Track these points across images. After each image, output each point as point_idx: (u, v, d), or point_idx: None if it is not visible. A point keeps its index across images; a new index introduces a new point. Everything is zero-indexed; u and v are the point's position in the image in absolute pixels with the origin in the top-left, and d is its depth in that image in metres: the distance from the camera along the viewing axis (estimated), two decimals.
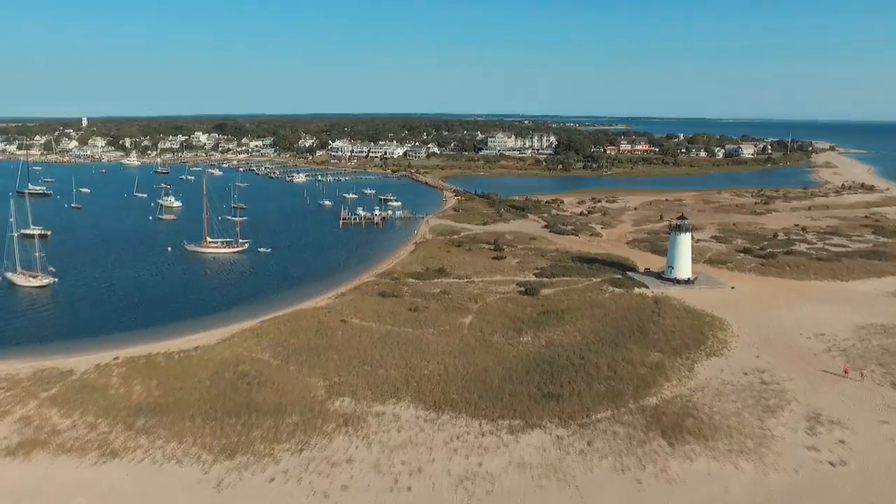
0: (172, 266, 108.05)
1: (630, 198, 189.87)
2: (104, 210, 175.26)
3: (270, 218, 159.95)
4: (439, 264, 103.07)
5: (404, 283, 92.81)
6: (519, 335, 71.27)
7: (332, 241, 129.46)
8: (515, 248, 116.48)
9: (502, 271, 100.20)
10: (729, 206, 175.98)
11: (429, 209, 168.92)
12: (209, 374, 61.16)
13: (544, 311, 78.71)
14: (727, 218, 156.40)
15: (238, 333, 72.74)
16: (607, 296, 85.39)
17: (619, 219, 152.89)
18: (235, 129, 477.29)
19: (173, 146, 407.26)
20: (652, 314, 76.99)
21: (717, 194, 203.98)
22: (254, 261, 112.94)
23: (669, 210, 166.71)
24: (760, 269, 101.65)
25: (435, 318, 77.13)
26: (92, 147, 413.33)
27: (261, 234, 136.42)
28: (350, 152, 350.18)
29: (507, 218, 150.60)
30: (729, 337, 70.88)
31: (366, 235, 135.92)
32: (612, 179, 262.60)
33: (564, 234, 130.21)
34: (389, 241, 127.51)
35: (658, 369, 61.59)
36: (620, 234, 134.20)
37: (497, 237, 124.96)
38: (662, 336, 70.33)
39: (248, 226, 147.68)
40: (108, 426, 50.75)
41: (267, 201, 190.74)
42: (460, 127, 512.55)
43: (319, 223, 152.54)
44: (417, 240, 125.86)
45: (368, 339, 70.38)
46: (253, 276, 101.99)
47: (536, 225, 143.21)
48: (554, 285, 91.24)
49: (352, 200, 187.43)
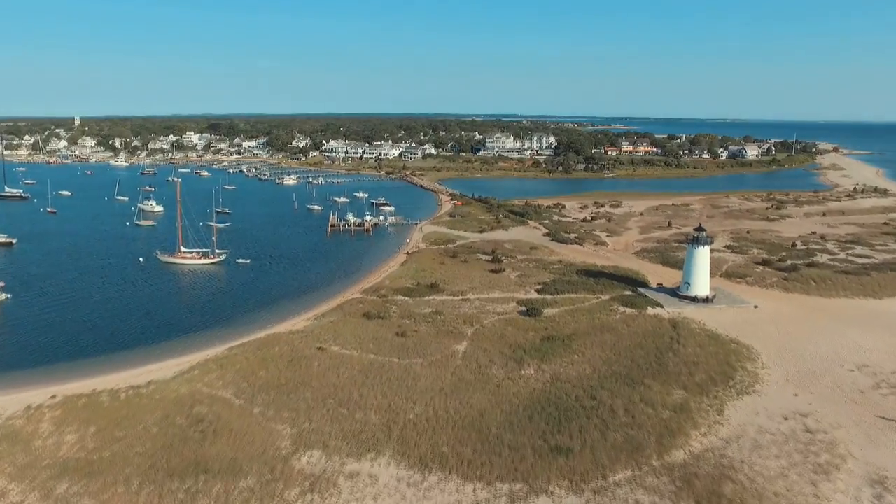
0: (141, 280, 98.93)
1: (635, 202, 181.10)
2: (81, 215, 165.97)
3: (255, 224, 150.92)
4: (432, 278, 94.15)
5: (392, 302, 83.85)
6: (520, 367, 62.36)
7: (317, 251, 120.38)
8: (515, 260, 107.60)
9: (501, 287, 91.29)
10: (739, 212, 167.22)
11: (423, 214, 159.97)
12: (158, 417, 52.19)
13: (548, 336, 69.80)
14: (739, 224, 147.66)
15: (200, 364, 63.79)
16: (618, 318, 76.47)
17: (625, 225, 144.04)
18: (229, 129, 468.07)
19: (164, 146, 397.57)
20: (671, 341, 68.11)
21: (724, 198, 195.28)
22: (231, 274, 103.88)
23: (677, 216, 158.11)
24: (783, 284, 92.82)
25: (425, 344, 68.23)
26: (81, 147, 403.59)
27: (242, 242, 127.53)
28: (344, 153, 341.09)
29: (505, 224, 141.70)
30: (759, 369, 62.06)
31: (354, 244, 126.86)
32: (614, 182, 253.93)
33: (567, 244, 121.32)
34: (379, 251, 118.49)
35: (683, 412, 52.73)
36: (627, 242, 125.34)
37: (495, 247, 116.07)
38: (684, 369, 61.46)
39: (230, 233, 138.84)
40: (20, 494, 41.74)
41: (253, 205, 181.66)
42: (458, 127, 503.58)
43: (306, 230, 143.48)
44: (409, 249, 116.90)
45: (348, 371, 61.45)
46: (227, 292, 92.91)
47: (537, 232, 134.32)
48: (558, 304, 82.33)
49: (342, 205, 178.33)
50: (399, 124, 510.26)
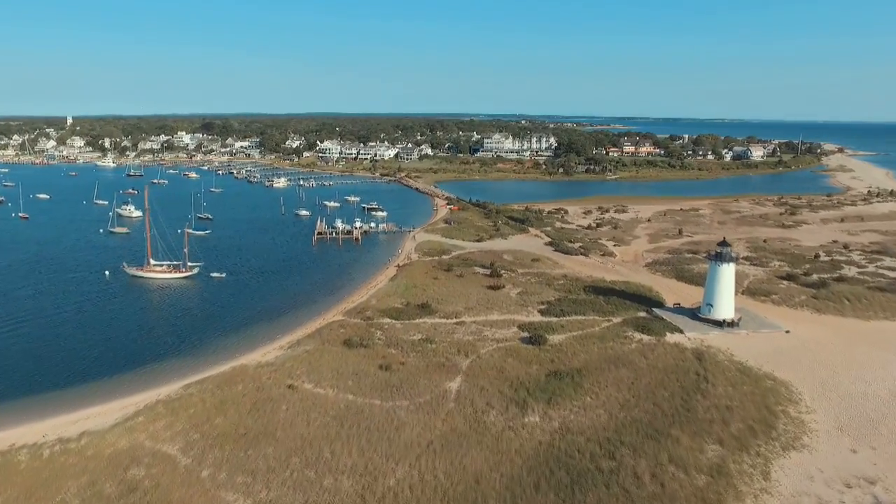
0: (103, 298, 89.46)
1: (641, 207, 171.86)
2: (54, 220, 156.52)
3: (237, 231, 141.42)
4: (423, 297, 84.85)
5: (377, 326, 74.49)
6: (523, 412, 53.06)
7: (301, 263, 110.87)
8: (515, 274, 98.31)
9: (500, 306, 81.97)
10: (752, 218, 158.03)
11: (417, 221, 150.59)
12: (83, 485, 42.89)
13: (555, 371, 60.50)
14: (753, 232, 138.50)
15: (149, 407, 54.49)
16: (634, 347, 67.17)
17: (633, 233, 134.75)
18: (222, 128, 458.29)
19: (154, 147, 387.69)
20: (697, 378, 58.81)
21: (734, 202, 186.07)
22: (203, 290, 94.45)
23: (687, 222, 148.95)
24: (814, 303, 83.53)
25: (412, 381, 58.94)
26: (69, 148, 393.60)
27: (221, 252, 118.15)
28: (339, 154, 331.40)
29: (504, 232, 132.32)
30: (804, 414, 52.85)
31: (341, 255, 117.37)
32: (617, 185, 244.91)
33: (572, 255, 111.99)
34: (367, 264, 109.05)
35: (721, 477, 43.51)
36: (636, 253, 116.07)
37: (493, 259, 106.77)
38: (717, 415, 52.19)
39: (209, 241, 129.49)
40: None
41: (239, 210, 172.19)
42: (455, 127, 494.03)
43: (292, 238, 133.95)
44: (400, 261, 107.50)
45: (320, 418, 52.16)
46: (195, 313, 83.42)
47: (539, 241, 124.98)
48: (564, 328, 73.06)
49: (332, 210, 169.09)
50: (396, 124, 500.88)
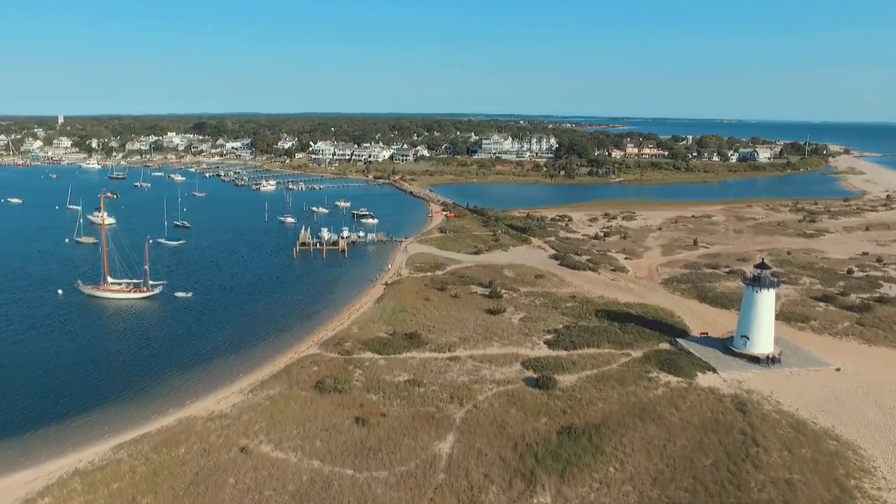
0: (47, 324, 78.33)
1: (649, 213, 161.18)
2: (21, 228, 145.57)
3: (214, 241, 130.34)
4: (412, 323, 74.10)
5: (357, 362, 63.65)
6: (531, 489, 42.24)
7: (278, 280, 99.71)
8: (517, 294, 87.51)
9: (501, 336, 71.18)
10: (769, 225, 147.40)
11: (410, 229, 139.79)
12: None
13: (568, 426, 49.72)
14: (773, 241, 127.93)
15: (63, 480, 43.72)
16: (661, 392, 56.34)
17: (644, 244, 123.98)
18: (214, 129, 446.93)
19: (142, 147, 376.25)
20: (744, 439, 47.98)
21: (747, 208, 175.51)
22: (163, 313, 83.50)
23: (701, 230, 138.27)
24: (859, 330, 72.94)
25: (394, 441, 48.14)
26: (55, 148, 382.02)
27: (192, 266, 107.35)
28: (332, 155, 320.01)
29: (504, 243, 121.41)
30: (884, 491, 42.14)
31: (324, 270, 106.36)
32: (621, 188, 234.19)
33: (580, 270, 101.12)
34: (352, 280, 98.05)
35: None
36: (650, 267, 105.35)
37: (493, 275, 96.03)
38: (776, 494, 41.43)
39: (183, 252, 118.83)
40: None
41: (220, 216, 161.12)
42: (453, 127, 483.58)
43: (272, 250, 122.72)
44: (389, 278, 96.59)
45: (276, 497, 41.35)
46: (148, 344, 72.37)
47: (542, 254, 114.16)
48: (576, 365, 62.31)
49: (319, 216, 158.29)
50: (393, 124, 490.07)
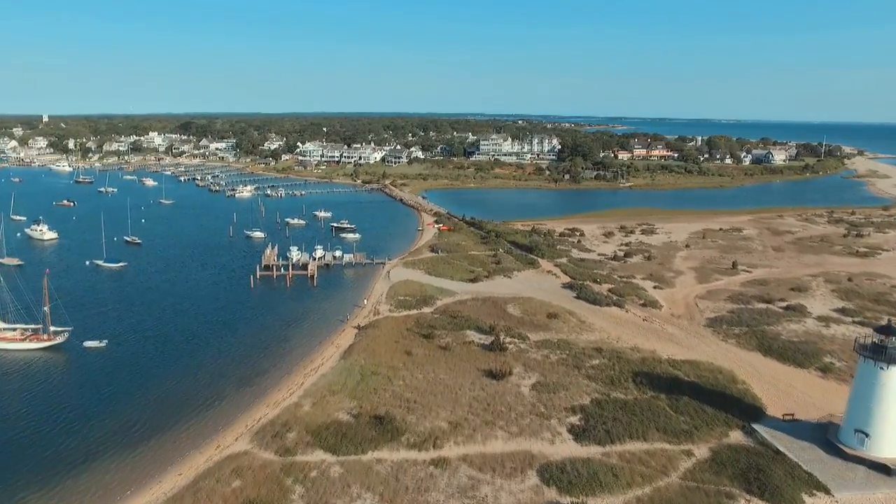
0: None
1: (670, 225, 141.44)
2: None
3: (165, 263, 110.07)
4: (386, 395, 54.31)
5: (299, 471, 43.69)
6: None
7: (223, 322, 78.54)
8: (526, 344, 67.67)
9: (507, 416, 51.39)
10: (810, 241, 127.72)
11: (396, 246, 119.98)
12: None
13: None
14: (822, 262, 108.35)
15: None
16: None
17: (673, 266, 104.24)
18: (200, 128, 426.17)
19: (121, 148, 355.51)
20: None
21: (779, 219, 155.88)
22: (60, 373, 63.40)
23: (735, 248, 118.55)
24: None
25: None
26: (29, 149, 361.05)
27: (125, 298, 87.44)
28: (320, 157, 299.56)
29: (507, 266, 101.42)
30: None
31: (286, 305, 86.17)
32: (631, 194, 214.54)
33: (602, 306, 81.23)
34: (317, 321, 77.71)
35: None
36: (687, 300, 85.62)
37: (494, 314, 76.28)
38: None
39: (123, 277, 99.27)
40: None
41: (182, 229, 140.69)
42: (449, 127, 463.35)
43: (229, 275, 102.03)
44: (363, 319, 76.58)
45: None
46: (17, 430, 52.13)
47: (553, 281, 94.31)
48: (618, 477, 42.58)
49: (294, 230, 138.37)
50: (387, 124, 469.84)
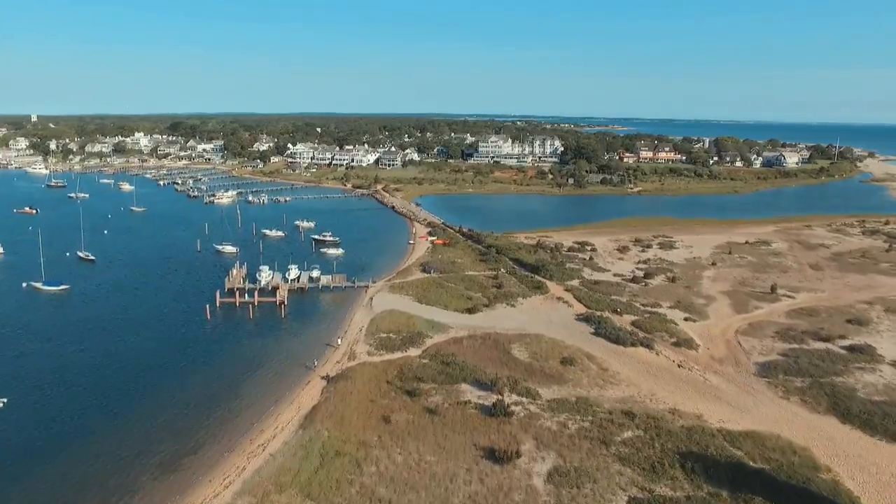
0: None
1: (690, 238, 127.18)
2: None
3: (116, 285, 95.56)
4: (349, 494, 40.19)
5: None
6: None
7: (164, 368, 64.08)
8: (536, 404, 53.41)
9: None
10: (850, 256, 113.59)
11: (383, 263, 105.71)
12: None
13: None
14: (872, 283, 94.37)
15: None
16: None
17: (701, 290, 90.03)
18: (189, 129, 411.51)
19: (104, 150, 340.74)
20: None
21: (807, 229, 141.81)
22: None
23: (767, 266, 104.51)
24: None
25: None
26: (8, 150, 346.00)
27: (58, 331, 72.96)
28: (311, 159, 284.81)
29: (511, 292, 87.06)
30: None
31: (244, 343, 71.65)
32: (640, 199, 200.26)
33: (627, 346, 67.03)
34: (277, 368, 63.34)
35: None
36: (726, 336, 71.38)
37: (496, 357, 62.01)
38: None
39: (63, 304, 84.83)
40: None
41: (147, 242, 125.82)
42: (447, 128, 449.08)
43: (189, 299, 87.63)
44: (334, 366, 62.21)
45: None
46: None
47: (566, 311, 79.96)
48: None
49: (271, 241, 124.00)
50: (383, 125, 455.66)
